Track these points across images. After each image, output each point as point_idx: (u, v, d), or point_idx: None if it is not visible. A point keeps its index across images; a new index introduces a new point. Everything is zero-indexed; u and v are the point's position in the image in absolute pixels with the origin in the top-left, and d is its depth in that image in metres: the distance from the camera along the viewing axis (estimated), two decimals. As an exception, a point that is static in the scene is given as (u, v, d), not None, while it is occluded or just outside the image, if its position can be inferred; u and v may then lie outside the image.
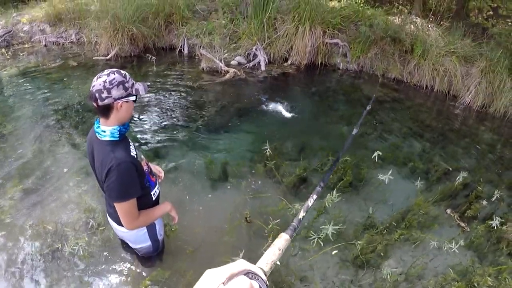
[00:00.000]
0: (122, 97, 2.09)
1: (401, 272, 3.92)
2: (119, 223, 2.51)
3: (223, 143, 5.70)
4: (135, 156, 2.35)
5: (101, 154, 2.21)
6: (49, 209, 4.22)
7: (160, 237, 2.99)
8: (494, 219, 4.29)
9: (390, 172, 4.09)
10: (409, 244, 4.26)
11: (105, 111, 2.11)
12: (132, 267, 3.58)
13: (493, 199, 4.83)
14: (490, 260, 4.31)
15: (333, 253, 3.94)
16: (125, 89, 2.09)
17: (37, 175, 4.71)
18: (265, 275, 0.74)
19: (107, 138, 2.19)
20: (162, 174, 3.00)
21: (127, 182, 2.21)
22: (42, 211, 4.19)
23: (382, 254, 4.06)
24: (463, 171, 4.97)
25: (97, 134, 2.23)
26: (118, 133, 2.21)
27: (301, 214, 1.19)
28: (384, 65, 8.85)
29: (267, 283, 0.68)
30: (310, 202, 1.28)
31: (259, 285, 0.64)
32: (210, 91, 7.47)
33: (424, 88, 8.27)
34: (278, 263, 2.91)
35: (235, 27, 8.99)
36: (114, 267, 3.58)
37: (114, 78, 2.05)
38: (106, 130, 2.18)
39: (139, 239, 2.83)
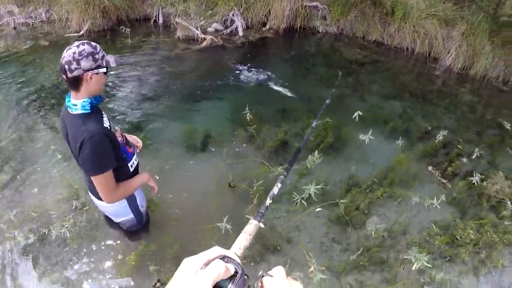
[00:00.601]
0: (91, 69, 2.08)
1: (385, 229, 3.98)
2: (100, 198, 2.48)
3: (203, 112, 5.61)
4: (109, 127, 2.31)
5: (73, 128, 2.19)
6: (31, 194, 4.10)
7: (142, 209, 2.96)
8: (475, 175, 4.40)
9: (370, 132, 4.10)
10: (391, 201, 4.32)
11: (75, 83, 2.10)
12: (118, 242, 3.54)
13: (473, 157, 4.94)
14: (471, 214, 4.42)
15: (317, 210, 3.96)
16: (95, 60, 2.08)
17: (17, 160, 4.55)
18: (239, 258, 0.80)
19: (79, 111, 2.17)
20: (139, 144, 2.96)
21: (101, 154, 2.19)
22: (24, 197, 4.06)
23: (366, 211, 4.11)
24: (443, 130, 5.05)
25: (68, 108, 2.22)
26: (89, 105, 2.18)
27: (268, 201, 1.25)
28: (364, 28, 8.75)
29: (242, 265, 0.72)
30: (275, 190, 1.32)
31: (235, 267, 0.68)
32: (187, 59, 7.31)
33: (405, 50, 8.27)
34: (262, 225, 2.92)
35: (212, -7, 8.75)
36: (101, 245, 3.54)
37: (83, 49, 2.04)
38: (77, 103, 2.16)
39: (121, 212, 2.82)
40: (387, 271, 3.64)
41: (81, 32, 7.96)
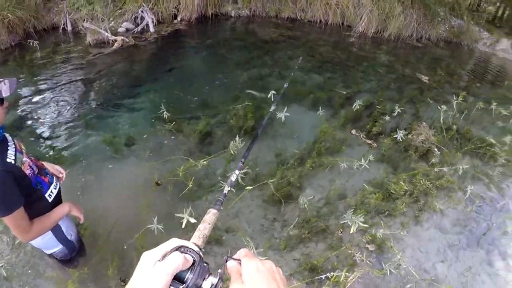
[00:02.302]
0: None
1: (321, 197, 4.15)
2: None
3: (121, 117, 5.48)
4: (13, 162, 2.11)
5: None
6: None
7: (71, 237, 2.83)
8: (398, 132, 4.70)
9: (285, 109, 4.19)
10: (322, 170, 4.50)
11: None
12: (56, 273, 3.36)
13: (395, 114, 5.27)
14: (403, 168, 4.72)
15: (248, 192, 4.02)
16: None
17: None
18: (199, 248, 0.83)
19: None
20: (62, 175, 2.80)
21: (2, 194, 2.03)
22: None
23: (298, 185, 4.26)
24: (364, 93, 5.36)
25: None
26: None
27: (226, 189, 1.31)
28: (276, 6, 9.03)
29: (201, 254, 0.75)
30: (233, 177, 1.38)
31: (193, 256, 0.72)
32: (100, 65, 7.10)
33: (318, 22, 8.63)
34: (193, 220, 2.94)
35: (118, -8, 8.56)
36: (40, 279, 3.35)
37: None
38: None
39: (49, 244, 2.68)
40: (329, 238, 3.79)
41: (-14, 53, 7.49)
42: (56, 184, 2.58)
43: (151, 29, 8.41)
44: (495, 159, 5.34)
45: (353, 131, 5.13)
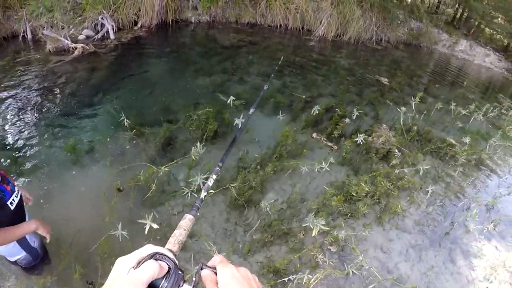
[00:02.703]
0: None
1: (283, 201, 4.16)
2: None
3: (82, 125, 5.36)
4: None
5: None
6: None
7: (35, 244, 2.87)
8: (358, 136, 4.72)
9: (241, 116, 4.21)
10: (283, 174, 4.51)
11: None
12: (20, 280, 3.30)
13: (354, 117, 5.35)
14: (364, 169, 4.79)
15: (209, 196, 4.00)
16: None
17: None
18: (174, 254, 0.81)
19: None
20: (29, 201, 2.86)
21: None
22: None
23: (260, 190, 4.25)
24: (323, 97, 5.44)
25: None
26: None
27: (203, 194, 1.28)
28: (236, 12, 9.08)
29: (176, 261, 0.75)
30: (210, 182, 1.37)
31: (167, 264, 0.72)
32: (61, 73, 6.93)
33: (279, 27, 8.73)
34: (156, 226, 2.90)
35: (78, -2, 8.42)
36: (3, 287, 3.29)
37: None
38: None
39: (13, 251, 2.73)
40: (292, 241, 3.79)
41: None
42: (18, 193, 2.60)
43: (111, 36, 8.30)
44: (456, 159, 5.50)
45: (314, 135, 5.19)
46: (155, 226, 2.89)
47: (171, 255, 0.75)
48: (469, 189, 5.16)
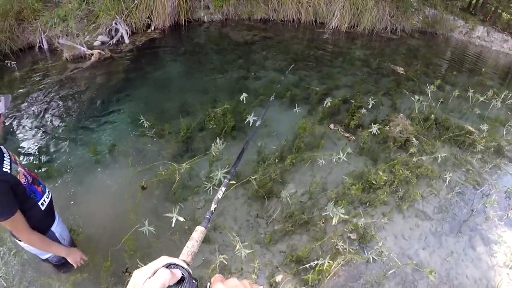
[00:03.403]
0: None
1: (303, 192, 4.32)
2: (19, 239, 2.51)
3: (105, 127, 5.56)
4: (9, 171, 2.28)
5: None
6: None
7: (64, 242, 2.97)
8: (372, 127, 4.80)
9: (252, 113, 4.37)
10: (302, 165, 4.66)
11: None
12: (52, 277, 3.47)
13: (370, 106, 5.44)
14: (382, 158, 4.90)
15: (231, 183, 4.17)
16: None
17: None
18: (188, 264, 0.87)
19: None
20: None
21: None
22: None
23: (280, 181, 4.42)
24: (340, 88, 5.56)
25: None
26: None
27: (213, 206, 1.33)
28: (248, 9, 9.22)
29: (190, 270, 0.80)
30: (220, 194, 1.41)
31: (181, 272, 0.76)
32: (79, 79, 7.16)
33: (291, 22, 8.86)
34: (182, 219, 3.07)
35: (91, 6, 8.65)
36: (37, 285, 3.45)
37: None
38: None
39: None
40: (313, 230, 3.94)
41: (-36, 75, 7.44)
42: (49, 194, 2.75)
43: (126, 40, 8.52)
44: (474, 146, 5.55)
45: (331, 126, 5.31)
46: (181, 219, 3.02)
47: (185, 265, 0.80)
48: (488, 176, 5.20)
